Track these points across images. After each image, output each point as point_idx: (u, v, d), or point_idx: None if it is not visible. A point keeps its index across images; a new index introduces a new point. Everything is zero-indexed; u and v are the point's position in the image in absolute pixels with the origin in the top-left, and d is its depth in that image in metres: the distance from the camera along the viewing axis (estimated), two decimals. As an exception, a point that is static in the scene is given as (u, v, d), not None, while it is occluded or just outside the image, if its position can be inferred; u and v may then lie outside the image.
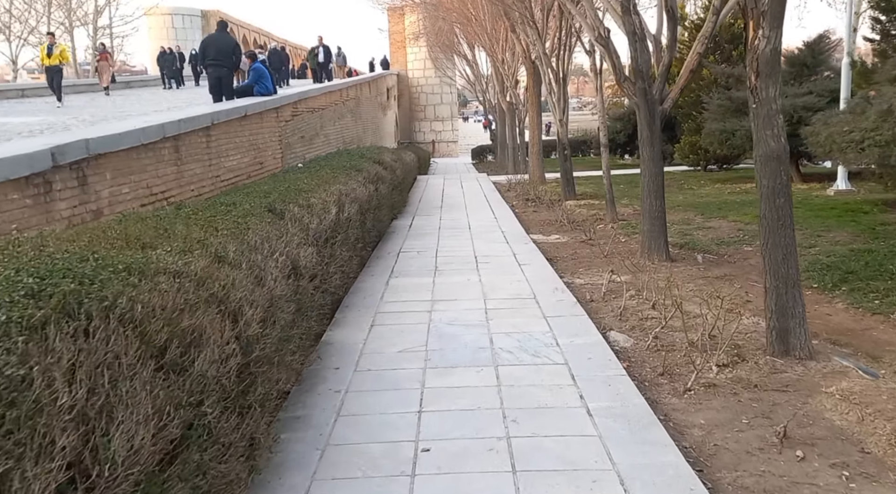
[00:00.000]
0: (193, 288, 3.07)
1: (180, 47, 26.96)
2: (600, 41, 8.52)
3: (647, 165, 8.78)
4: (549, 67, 15.13)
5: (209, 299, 3.12)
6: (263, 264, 4.08)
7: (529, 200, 16.01)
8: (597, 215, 13.07)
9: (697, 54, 8.30)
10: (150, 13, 43.68)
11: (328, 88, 20.70)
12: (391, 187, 12.48)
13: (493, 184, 20.40)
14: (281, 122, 14.33)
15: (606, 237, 10.70)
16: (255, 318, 3.39)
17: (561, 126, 15.48)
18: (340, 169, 10.21)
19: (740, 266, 8.28)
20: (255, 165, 12.22)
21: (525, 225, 12.36)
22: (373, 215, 9.62)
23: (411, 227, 12.30)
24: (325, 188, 7.87)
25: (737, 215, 11.74)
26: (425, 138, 51.53)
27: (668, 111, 8.82)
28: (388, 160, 13.33)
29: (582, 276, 8.17)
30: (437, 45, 37.29)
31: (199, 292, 3.09)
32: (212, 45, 13.86)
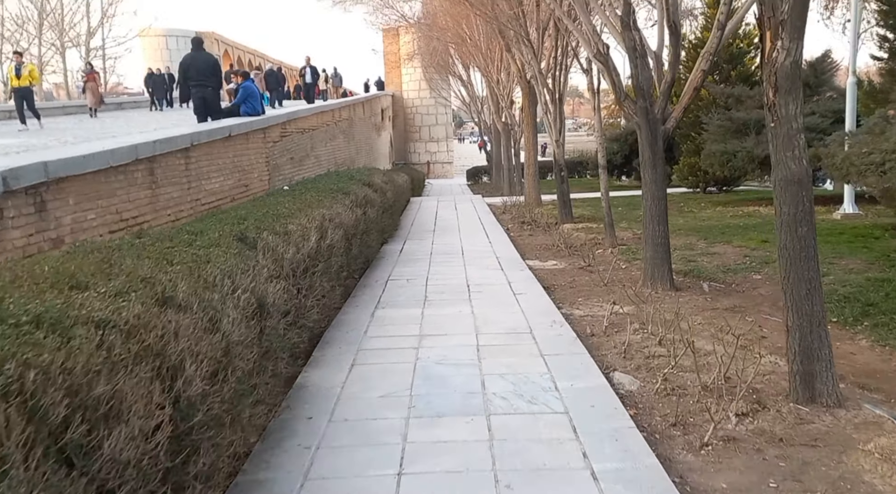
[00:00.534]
0: (121, 342, 2.54)
1: (170, 68, 26.51)
2: (599, 58, 8.08)
3: (650, 188, 8.30)
4: (544, 86, 14.72)
5: (140, 354, 2.59)
6: (221, 304, 3.56)
7: (525, 223, 15.53)
8: (595, 240, 12.58)
9: (702, 72, 7.86)
10: (144, 35, 43.42)
11: (319, 108, 20.28)
12: (381, 210, 12.00)
13: (488, 206, 19.93)
14: (268, 143, 13.88)
15: (606, 264, 10.19)
16: (200, 373, 2.86)
17: (557, 147, 15.04)
18: (327, 192, 9.72)
19: (750, 296, 7.77)
20: (239, 188, 11.74)
21: (521, 250, 11.86)
22: (360, 241, 9.11)
23: (402, 252, 11.78)
24: (308, 213, 7.37)
25: (741, 239, 11.25)
26: (420, 159, 51.22)
27: (671, 131, 8.36)
28: (379, 182, 12.85)
29: (581, 306, 7.65)
30: (432, 66, 37.02)
31: (128, 346, 2.56)
32: (191, 66, 13.42)
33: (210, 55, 14.08)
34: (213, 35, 46.36)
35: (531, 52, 14.54)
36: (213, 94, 13.37)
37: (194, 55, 13.69)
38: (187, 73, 13.27)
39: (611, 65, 8.17)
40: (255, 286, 4.14)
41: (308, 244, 6.10)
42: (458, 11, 22.86)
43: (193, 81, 13.15)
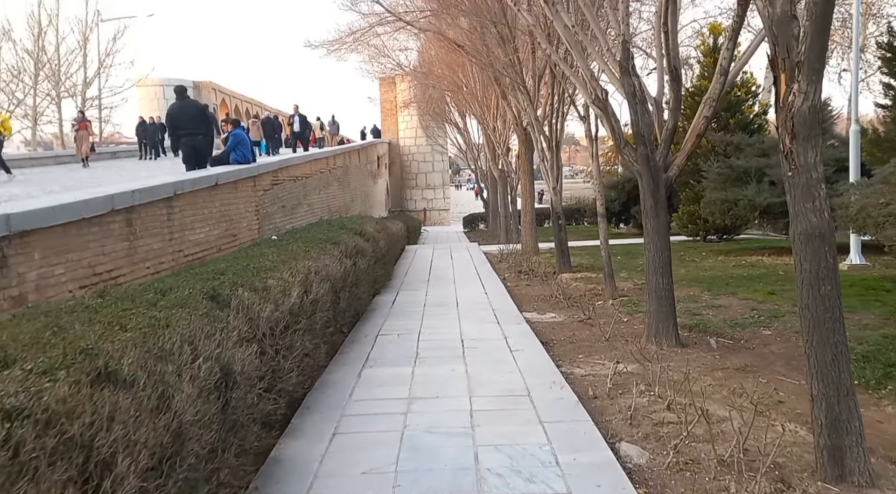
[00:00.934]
0: (34, 435, 2.11)
1: (160, 117, 26.35)
2: (597, 103, 7.79)
3: (652, 239, 7.93)
4: (541, 133, 14.49)
5: (59, 450, 2.16)
6: (175, 377, 3.13)
7: (522, 272, 15.13)
8: (594, 290, 12.16)
9: (705, 118, 7.56)
10: (140, 84, 43.63)
11: (312, 155, 20.07)
12: (373, 260, 11.61)
13: (485, 254, 19.56)
14: (259, 191, 13.56)
15: (607, 316, 9.76)
16: (137, 467, 2.42)
17: (555, 194, 14.74)
18: (315, 242, 9.34)
19: (761, 354, 7.32)
20: (226, 238, 11.37)
21: (517, 301, 11.44)
22: (349, 294, 8.69)
23: (394, 304, 11.35)
24: (292, 266, 6.97)
25: (746, 291, 10.84)
26: (417, 206, 51.14)
27: (674, 179, 8.03)
28: (371, 231, 12.48)
29: (582, 364, 7.19)
30: (428, 113, 37.12)
31: (44, 440, 2.13)
32: (179, 115, 13.16)
33: (196, 102, 13.84)
34: (210, 84, 46.72)
35: (527, 99, 14.35)
36: (203, 141, 13.10)
37: (181, 104, 13.45)
38: (175, 122, 13.01)
39: (609, 111, 7.88)
40: (220, 353, 3.71)
41: (289, 301, 5.68)
42: (453, 60, 22.87)
43: (183, 130, 12.88)
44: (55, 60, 34.47)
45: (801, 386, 5.99)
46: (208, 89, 46.13)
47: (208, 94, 45.82)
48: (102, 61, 36.44)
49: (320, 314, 6.83)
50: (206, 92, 45.89)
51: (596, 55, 8.55)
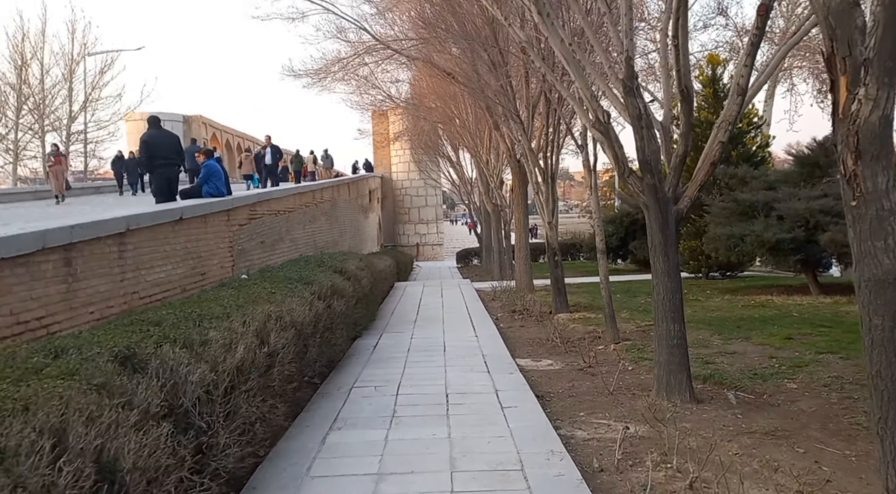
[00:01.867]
0: None
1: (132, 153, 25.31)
2: (599, 127, 6.94)
3: (661, 280, 7.01)
4: (535, 165, 13.66)
5: None
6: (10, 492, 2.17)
7: (516, 312, 14.18)
8: (594, 333, 11.21)
9: (720, 144, 6.70)
10: (129, 118, 42.96)
11: (296, 188, 19.21)
12: (354, 300, 10.66)
13: (477, 292, 18.60)
14: (233, 226, 12.64)
15: (609, 364, 8.81)
16: None
17: (550, 229, 13.86)
18: (285, 282, 8.40)
19: (789, 413, 6.35)
20: (193, 277, 10.43)
21: (511, 345, 10.47)
22: (321, 341, 7.73)
23: (376, 348, 10.37)
24: (248, 311, 6.02)
25: (761, 335, 9.90)
26: (410, 241, 50.31)
27: (685, 213, 7.15)
28: (352, 269, 11.54)
29: (584, 425, 6.21)
30: (420, 146, 36.46)
31: None
32: (158, 145, 12.30)
33: (173, 133, 12.98)
34: (200, 118, 46.15)
35: (520, 129, 13.54)
36: (177, 174, 12.25)
37: (159, 133, 12.61)
38: (153, 151, 12.13)
39: (612, 135, 7.03)
40: (103, 443, 2.75)
41: (233, 357, 4.72)
42: (445, 91, 22.20)
43: (161, 160, 12.01)
44: (39, 93, 33.76)
45: (848, 459, 5.03)
46: (199, 123, 45.55)
47: (199, 128, 45.23)
48: (88, 95, 35.72)
49: (280, 368, 5.87)
50: (197, 126, 45.31)
51: (596, 75, 7.72)
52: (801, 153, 14.74)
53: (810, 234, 13.08)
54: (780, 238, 13.15)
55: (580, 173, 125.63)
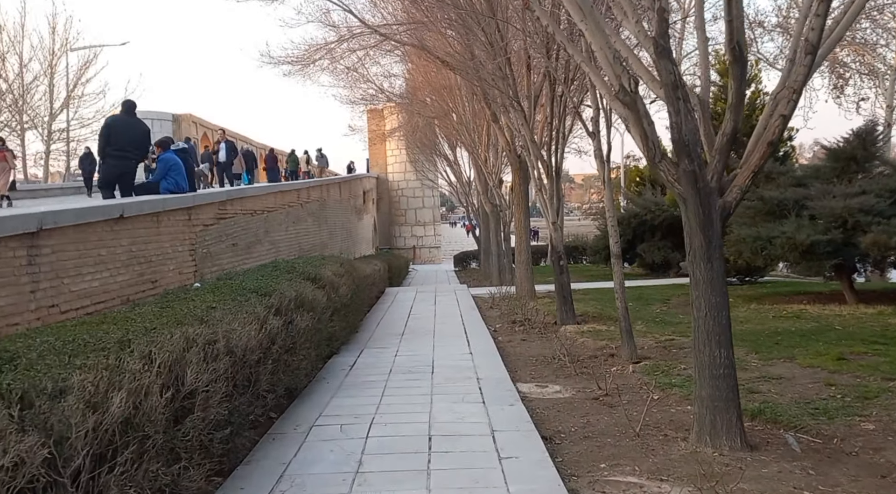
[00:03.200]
0: None
1: None
2: (624, 98, 5.44)
3: (704, 293, 5.50)
4: (538, 158, 12.15)
5: None
6: None
7: (517, 322, 12.66)
8: (607, 349, 9.71)
9: (781, 118, 5.21)
10: (117, 116, 41.41)
11: (277, 187, 17.71)
12: (329, 311, 9.17)
13: (473, 298, 17.09)
14: (196, 226, 11.15)
15: (630, 391, 7.31)
16: None
17: (554, 230, 12.36)
18: (236, 293, 6.91)
19: (875, 466, 4.84)
20: (141, 284, 8.95)
21: (511, 365, 8.97)
22: (275, 367, 6.23)
23: (353, 368, 8.86)
24: (162, 336, 4.52)
25: (807, 354, 8.40)
26: (406, 244, 48.82)
27: (734, 207, 5.63)
28: (329, 275, 10.03)
29: (609, 487, 4.70)
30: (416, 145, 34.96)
31: None
32: (122, 133, 10.73)
33: (144, 124, 11.39)
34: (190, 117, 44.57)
35: (522, 118, 12.04)
36: (134, 169, 10.73)
37: (126, 121, 11.03)
38: (114, 138, 10.50)
39: (640, 108, 5.52)
40: None
41: (102, 414, 3.21)
42: (440, 83, 20.73)
43: (117, 149, 10.42)
44: (18, 89, 32.25)
45: None
46: (189, 122, 43.99)
47: (189, 127, 43.66)
48: (71, 92, 34.19)
49: (202, 413, 4.37)
50: (187, 125, 43.73)
51: (616, 38, 6.19)
52: (836, 146, 13.24)
53: (848, 235, 11.58)
54: (814, 240, 11.64)
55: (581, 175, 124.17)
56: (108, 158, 10.40)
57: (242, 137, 48.11)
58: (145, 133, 11.06)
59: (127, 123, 10.89)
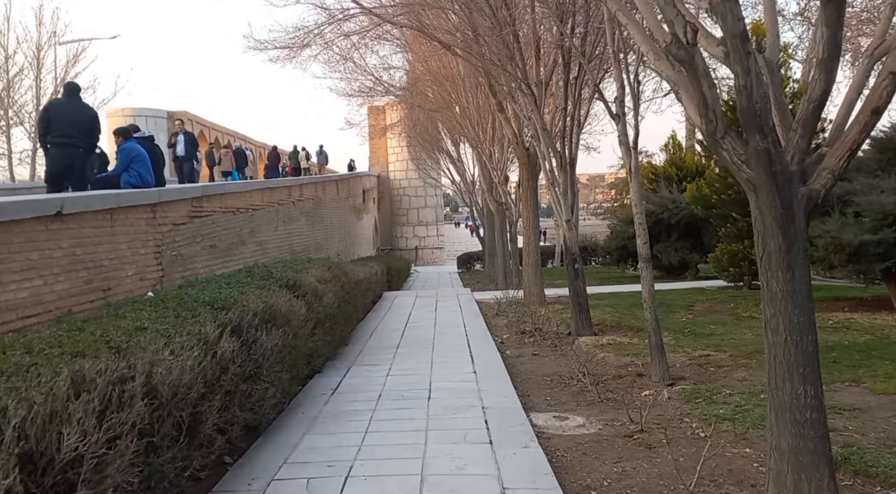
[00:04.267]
0: None
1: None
2: (678, 53, 4.10)
3: (783, 310, 4.14)
4: (550, 147, 10.81)
5: None
6: None
7: (526, 333, 11.33)
8: (633, 366, 8.38)
9: (891, 76, 3.86)
10: (111, 114, 40.22)
11: (265, 183, 16.41)
12: (311, 324, 7.88)
13: (478, 304, 15.75)
14: (163, 225, 9.83)
15: (669, 424, 5.97)
16: None
17: (569, 230, 11.01)
18: (182, 307, 5.59)
19: None
20: (87, 294, 7.63)
21: (522, 387, 7.65)
22: (225, 402, 4.92)
23: (336, 392, 7.53)
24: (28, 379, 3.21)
25: (875, 376, 7.06)
26: (408, 245, 47.52)
27: (822, 196, 4.27)
28: (311, 282, 8.72)
29: None
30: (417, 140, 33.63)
31: None
32: (64, 117, 9.42)
33: (90, 108, 10.11)
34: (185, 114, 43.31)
35: (532, 102, 10.70)
36: (84, 158, 9.39)
37: (70, 104, 9.74)
38: (55, 123, 9.18)
39: (699, 65, 4.19)
40: None
41: None
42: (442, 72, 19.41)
43: (60, 135, 9.09)
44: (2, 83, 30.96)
45: None
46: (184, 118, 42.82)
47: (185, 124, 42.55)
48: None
49: (88, 492, 3.05)
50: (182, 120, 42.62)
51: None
52: (883, 135, 11.88)
53: (901, 234, 10.22)
54: (863, 240, 10.29)
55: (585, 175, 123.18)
56: (51, 147, 9.05)
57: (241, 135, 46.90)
58: (93, 118, 9.72)
59: (70, 106, 9.55)
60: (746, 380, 7.39)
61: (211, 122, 45.35)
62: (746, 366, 8.03)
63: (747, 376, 7.59)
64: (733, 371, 7.87)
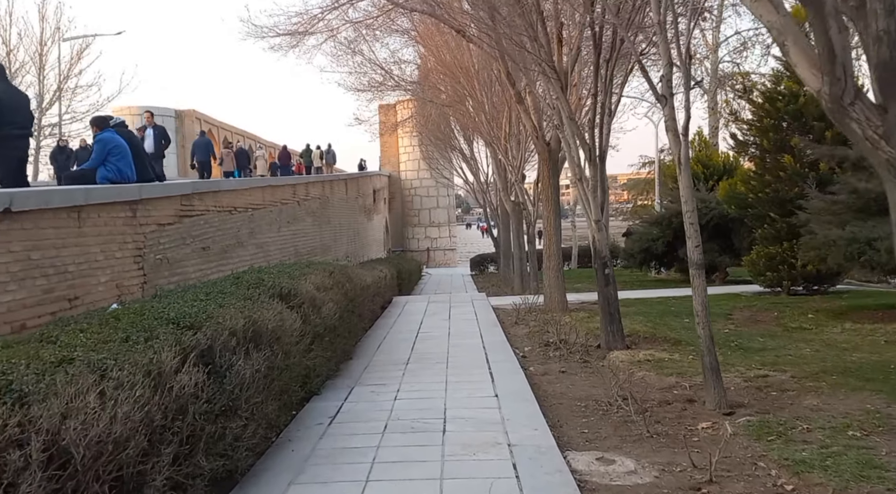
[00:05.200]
0: None
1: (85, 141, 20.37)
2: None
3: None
4: (577, 138, 9.66)
5: None
6: None
7: (551, 345, 10.17)
8: (679, 388, 7.23)
9: None
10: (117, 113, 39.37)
11: (266, 181, 15.36)
12: (308, 338, 6.80)
13: (494, 311, 14.60)
14: (145, 225, 8.76)
15: (740, 469, 4.82)
16: None
17: (598, 230, 9.84)
18: (136, 327, 4.49)
19: None
20: (46, 305, 6.62)
21: (553, 415, 6.51)
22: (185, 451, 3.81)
23: (334, 421, 6.41)
24: None
25: None
26: (420, 246, 46.43)
27: None
28: (309, 290, 7.61)
29: None
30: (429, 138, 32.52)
31: None
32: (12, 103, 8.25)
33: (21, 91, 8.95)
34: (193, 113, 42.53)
35: (558, 88, 9.54)
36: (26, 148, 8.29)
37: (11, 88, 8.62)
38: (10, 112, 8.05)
39: (826, 1, 3.04)
40: None
41: None
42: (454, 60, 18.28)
43: (12, 128, 7.96)
44: (5, 80, 30.06)
45: None
46: (192, 118, 41.96)
47: (192, 123, 41.63)
48: (62, 85, 32.00)
49: None
50: (190, 121, 41.69)
51: None
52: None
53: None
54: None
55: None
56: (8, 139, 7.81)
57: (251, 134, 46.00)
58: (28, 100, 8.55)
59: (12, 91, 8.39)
60: (821, 410, 6.22)
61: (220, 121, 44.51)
62: (816, 391, 6.85)
63: (820, 403, 6.42)
64: (801, 397, 6.69)
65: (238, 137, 46.67)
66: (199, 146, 21.88)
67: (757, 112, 15.13)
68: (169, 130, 44.42)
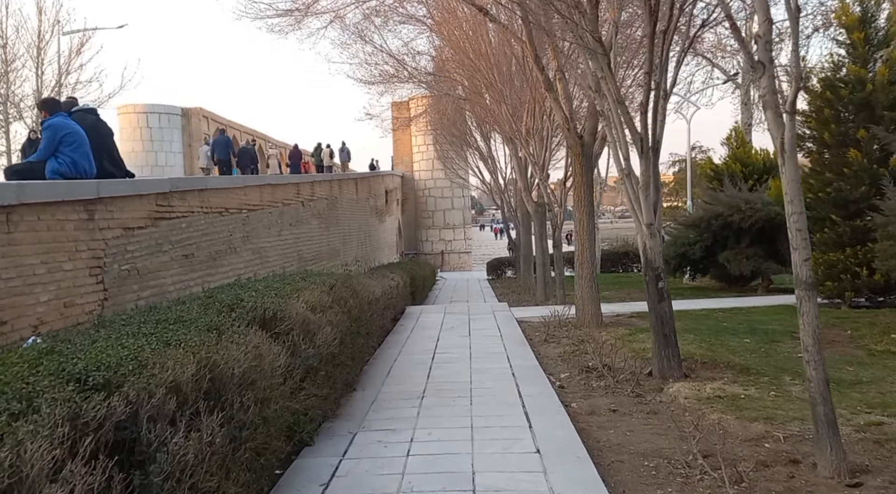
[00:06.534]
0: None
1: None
2: None
3: None
4: (625, 125, 8.07)
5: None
6: None
7: (593, 372, 8.58)
8: (771, 439, 5.63)
9: None
10: (122, 111, 38.13)
11: (264, 179, 13.85)
12: (298, 375, 5.28)
13: (520, 324, 13.01)
14: (107, 229, 7.19)
15: None
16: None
17: (650, 236, 8.22)
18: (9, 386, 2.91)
19: None
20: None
21: (614, 484, 4.91)
22: None
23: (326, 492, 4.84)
24: None
25: None
26: (433, 249, 44.90)
27: None
28: (300, 312, 6.07)
29: None
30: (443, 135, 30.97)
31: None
32: None
33: None
34: (200, 111, 41.28)
35: (605, 65, 7.94)
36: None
37: None
38: None
39: None
40: None
41: None
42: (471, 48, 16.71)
43: None
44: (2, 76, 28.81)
45: None
46: (199, 117, 40.74)
47: (199, 122, 40.38)
48: (61, 80, 30.69)
49: None
50: (197, 119, 40.47)
51: None
52: None
53: None
54: None
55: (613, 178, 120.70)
56: None
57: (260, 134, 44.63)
58: None
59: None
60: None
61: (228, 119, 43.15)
62: (958, 447, 5.22)
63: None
64: None
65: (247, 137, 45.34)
66: (220, 144, 21.60)
67: (815, 102, 13.46)
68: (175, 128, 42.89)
